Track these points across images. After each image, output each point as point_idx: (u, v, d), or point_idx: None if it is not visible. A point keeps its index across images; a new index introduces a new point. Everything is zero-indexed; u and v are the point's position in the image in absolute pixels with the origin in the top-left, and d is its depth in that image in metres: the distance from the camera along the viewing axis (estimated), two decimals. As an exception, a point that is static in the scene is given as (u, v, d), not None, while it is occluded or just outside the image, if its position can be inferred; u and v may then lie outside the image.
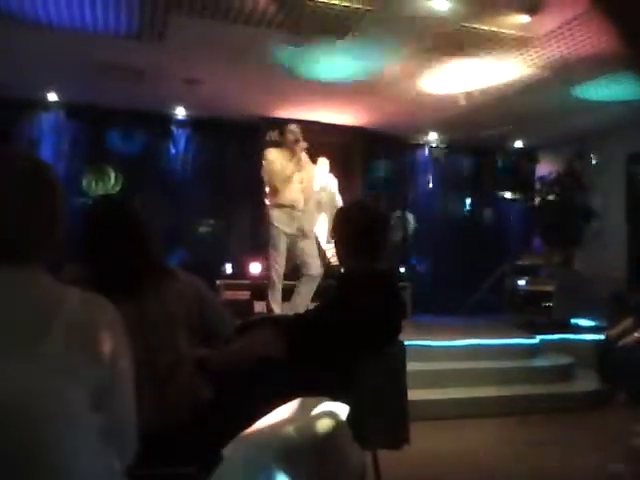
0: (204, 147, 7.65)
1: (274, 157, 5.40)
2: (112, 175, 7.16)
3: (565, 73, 5.49)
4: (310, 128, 7.46)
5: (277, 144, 5.67)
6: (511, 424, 4.78)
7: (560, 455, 4.09)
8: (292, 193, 5.34)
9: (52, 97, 6.77)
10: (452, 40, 4.78)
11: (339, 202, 6.89)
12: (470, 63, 5.32)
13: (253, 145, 7.53)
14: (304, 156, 5.48)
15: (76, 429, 1.10)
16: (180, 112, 7.35)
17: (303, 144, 5.39)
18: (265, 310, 5.55)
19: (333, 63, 5.43)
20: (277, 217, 5.31)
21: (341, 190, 6.95)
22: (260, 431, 1.37)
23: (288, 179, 5.33)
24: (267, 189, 5.56)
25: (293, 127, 5.51)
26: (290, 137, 5.40)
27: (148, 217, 2.09)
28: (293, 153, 5.36)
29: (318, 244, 7.21)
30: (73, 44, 5.09)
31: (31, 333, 1.10)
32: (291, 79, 5.84)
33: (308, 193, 5.53)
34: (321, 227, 7.20)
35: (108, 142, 7.19)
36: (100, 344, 1.16)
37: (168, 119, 7.46)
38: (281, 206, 5.31)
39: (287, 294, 5.38)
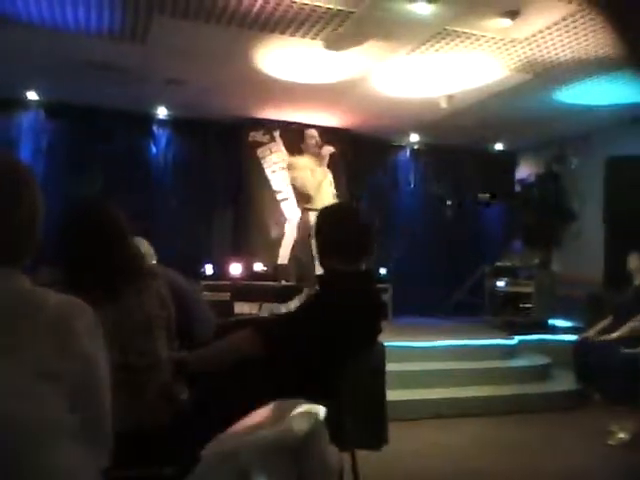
0: (186, 147, 7.61)
1: (302, 165, 5.45)
2: (92, 175, 7.09)
3: (545, 77, 5.55)
4: (292, 129, 7.51)
5: (299, 151, 5.67)
6: (489, 424, 4.83)
7: (536, 454, 4.14)
8: (324, 197, 5.40)
9: (32, 96, 6.70)
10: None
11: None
12: (452, 66, 5.36)
13: (235, 145, 7.53)
14: (326, 160, 5.59)
15: (54, 431, 1.10)
16: (162, 112, 7.31)
17: (328, 148, 5.45)
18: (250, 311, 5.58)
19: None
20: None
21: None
22: (238, 433, 1.38)
23: (319, 184, 5.37)
24: (298, 196, 5.60)
25: (312, 132, 5.57)
26: (312, 142, 5.46)
27: (127, 218, 2.08)
28: (319, 158, 5.42)
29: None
30: (54, 43, 5.04)
31: (8, 335, 1.10)
32: (273, 80, 5.84)
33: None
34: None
35: (88, 142, 7.12)
36: (77, 346, 1.16)
37: (150, 119, 7.42)
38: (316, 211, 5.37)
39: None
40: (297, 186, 5.59)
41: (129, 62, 5.47)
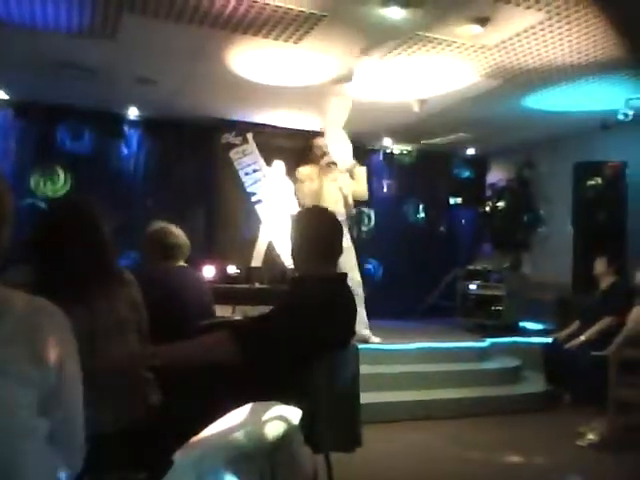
0: (157, 148, 7.54)
1: (305, 175, 5.54)
2: (61, 175, 6.98)
3: (515, 83, 5.63)
4: (265, 131, 7.50)
5: (308, 161, 5.68)
6: (462, 425, 4.87)
7: (508, 454, 4.19)
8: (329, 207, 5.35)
9: (0, 95, 6.57)
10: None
11: (294, 206, 6.89)
12: (423, 70, 5.40)
13: (208, 147, 7.48)
14: (333, 169, 5.56)
15: (24, 434, 1.08)
16: (133, 112, 7.23)
17: (328, 158, 5.45)
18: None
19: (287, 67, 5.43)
20: None
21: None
22: (211, 436, 1.37)
23: (317, 194, 5.35)
24: (300, 206, 5.64)
25: (320, 141, 5.57)
26: (317, 152, 5.48)
27: (103, 220, 2.04)
28: (323, 168, 5.43)
29: (274, 249, 7.22)
30: (22, 41, 4.95)
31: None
32: (246, 81, 5.82)
33: (343, 205, 5.53)
34: (277, 232, 7.20)
35: (57, 141, 7.02)
36: (47, 349, 1.14)
37: (121, 119, 7.33)
38: None
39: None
40: (298, 197, 5.64)
41: (99, 61, 5.39)
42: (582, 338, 5.18)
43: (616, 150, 6.73)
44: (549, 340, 5.66)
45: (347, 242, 5.09)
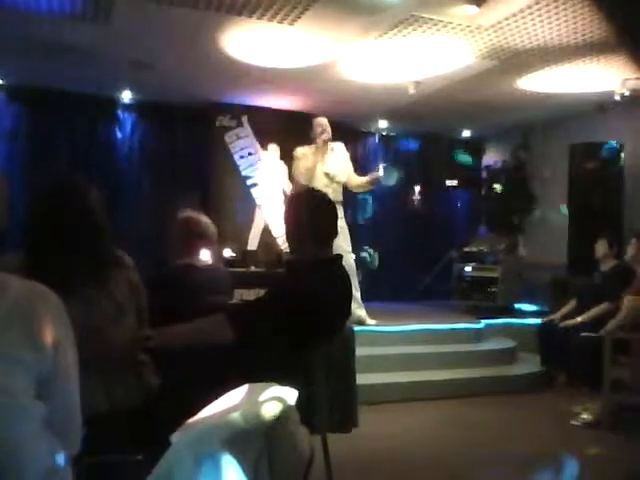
0: (152, 132, 7.49)
1: (301, 154, 5.46)
2: (56, 160, 6.94)
3: (511, 64, 5.61)
4: (260, 114, 7.45)
5: (306, 141, 5.62)
6: (458, 406, 4.91)
7: (504, 434, 4.23)
8: (318, 185, 5.30)
9: (-7, 79, 6.53)
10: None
11: (289, 188, 6.88)
12: (419, 52, 5.37)
13: (202, 130, 7.44)
14: (329, 147, 5.49)
15: (21, 417, 1.09)
16: (127, 96, 7.17)
17: (325, 136, 5.39)
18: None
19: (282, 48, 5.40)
20: None
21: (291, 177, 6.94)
22: (208, 417, 1.38)
23: (310, 172, 5.32)
24: (295, 185, 5.60)
25: (320, 120, 5.50)
26: (317, 130, 5.42)
27: (98, 202, 2.01)
28: (317, 146, 5.38)
29: (269, 233, 7.22)
30: (15, 25, 4.89)
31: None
32: (241, 64, 5.78)
33: (337, 187, 5.50)
34: (272, 215, 7.21)
35: (52, 126, 6.96)
36: (42, 332, 1.14)
37: (115, 103, 7.28)
38: None
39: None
40: (294, 174, 5.58)
41: (92, 44, 5.33)
42: (578, 319, 5.20)
43: (612, 131, 6.72)
44: (544, 321, 5.69)
45: (342, 223, 5.07)
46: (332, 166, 5.50)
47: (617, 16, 4.50)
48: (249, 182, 7.39)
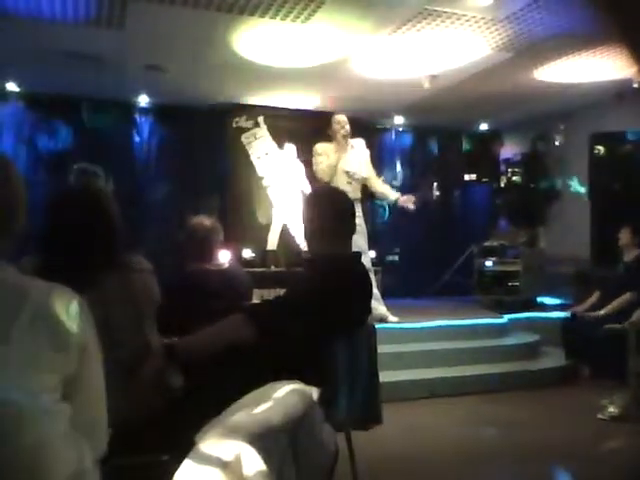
0: (169, 134, 7.53)
1: (321, 150, 5.45)
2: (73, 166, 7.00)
3: (527, 55, 5.54)
4: (276, 114, 7.46)
5: (328, 138, 5.61)
6: (482, 402, 4.87)
7: (529, 429, 4.19)
8: (339, 183, 5.30)
9: (11, 87, 6.60)
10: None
11: (306, 188, 6.89)
12: (433, 46, 5.34)
13: (220, 132, 7.47)
14: (349, 144, 5.49)
15: (47, 419, 1.09)
16: (144, 100, 7.23)
17: (343, 131, 5.39)
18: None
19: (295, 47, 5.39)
20: None
21: (308, 176, 6.93)
22: (232, 416, 1.38)
23: (332, 170, 5.33)
24: (316, 182, 5.60)
25: (339, 117, 5.50)
26: (336, 127, 5.42)
27: (114, 207, 2.04)
28: (338, 143, 5.38)
29: (288, 232, 7.22)
30: (31, 33, 4.95)
31: (-3, 324, 1.09)
32: (255, 64, 5.79)
33: (356, 185, 5.50)
34: (291, 215, 7.20)
35: (70, 132, 7.03)
36: (67, 334, 1.15)
37: (132, 107, 7.33)
38: None
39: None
40: (315, 172, 5.58)
41: (107, 49, 5.39)
42: (602, 312, 5.13)
43: (632, 119, 6.62)
44: (567, 314, 5.62)
45: (359, 221, 5.05)
46: (352, 164, 5.49)
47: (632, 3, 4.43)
48: (266, 182, 7.41)
